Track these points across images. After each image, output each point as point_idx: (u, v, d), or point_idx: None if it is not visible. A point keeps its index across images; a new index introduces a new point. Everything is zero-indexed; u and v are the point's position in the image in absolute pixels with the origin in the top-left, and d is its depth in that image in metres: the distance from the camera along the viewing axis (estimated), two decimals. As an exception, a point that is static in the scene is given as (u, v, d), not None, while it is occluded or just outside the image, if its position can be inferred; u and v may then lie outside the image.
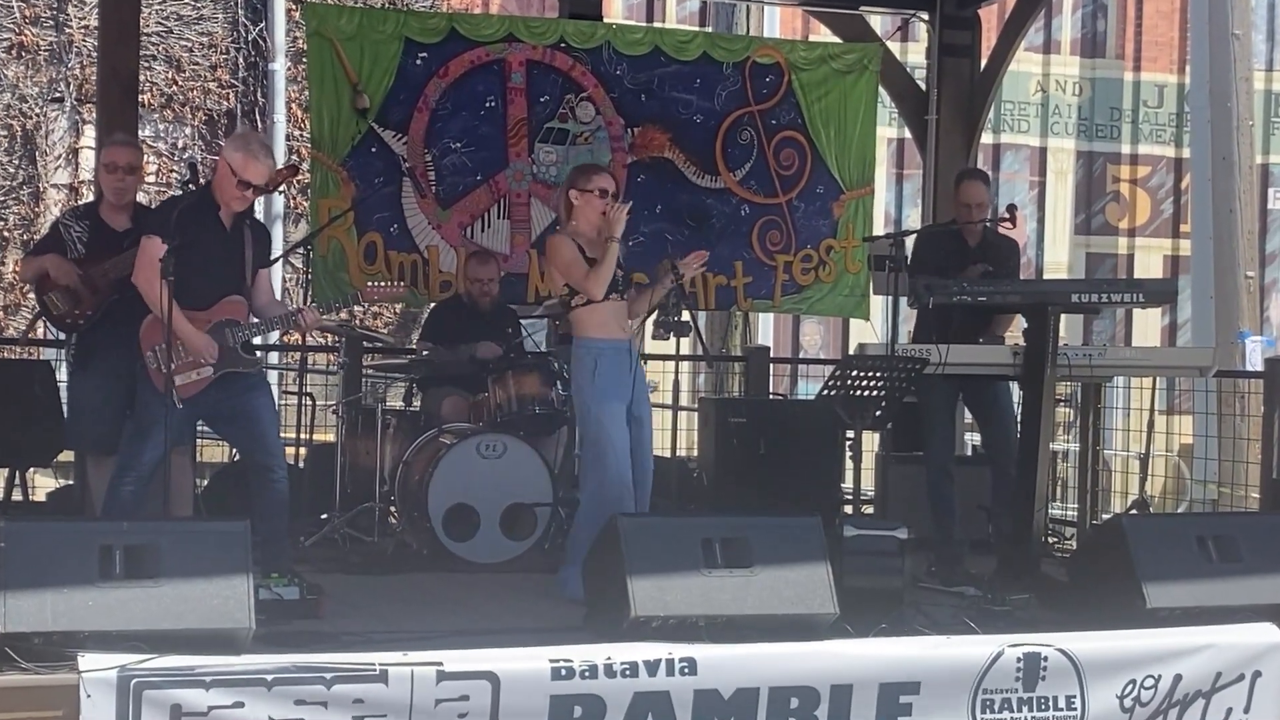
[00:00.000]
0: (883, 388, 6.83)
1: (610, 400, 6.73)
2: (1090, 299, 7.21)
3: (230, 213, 6.43)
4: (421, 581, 7.26)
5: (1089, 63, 17.41)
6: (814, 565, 5.63)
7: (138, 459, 6.35)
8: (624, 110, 9.60)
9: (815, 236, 10.00)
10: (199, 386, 6.37)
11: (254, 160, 6.37)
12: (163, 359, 6.26)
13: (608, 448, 6.70)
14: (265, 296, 6.67)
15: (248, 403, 6.46)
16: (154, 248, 6.29)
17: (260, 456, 6.49)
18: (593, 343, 6.80)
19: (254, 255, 6.51)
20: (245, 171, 6.34)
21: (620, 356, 6.79)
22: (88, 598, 4.90)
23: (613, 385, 6.75)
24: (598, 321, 6.79)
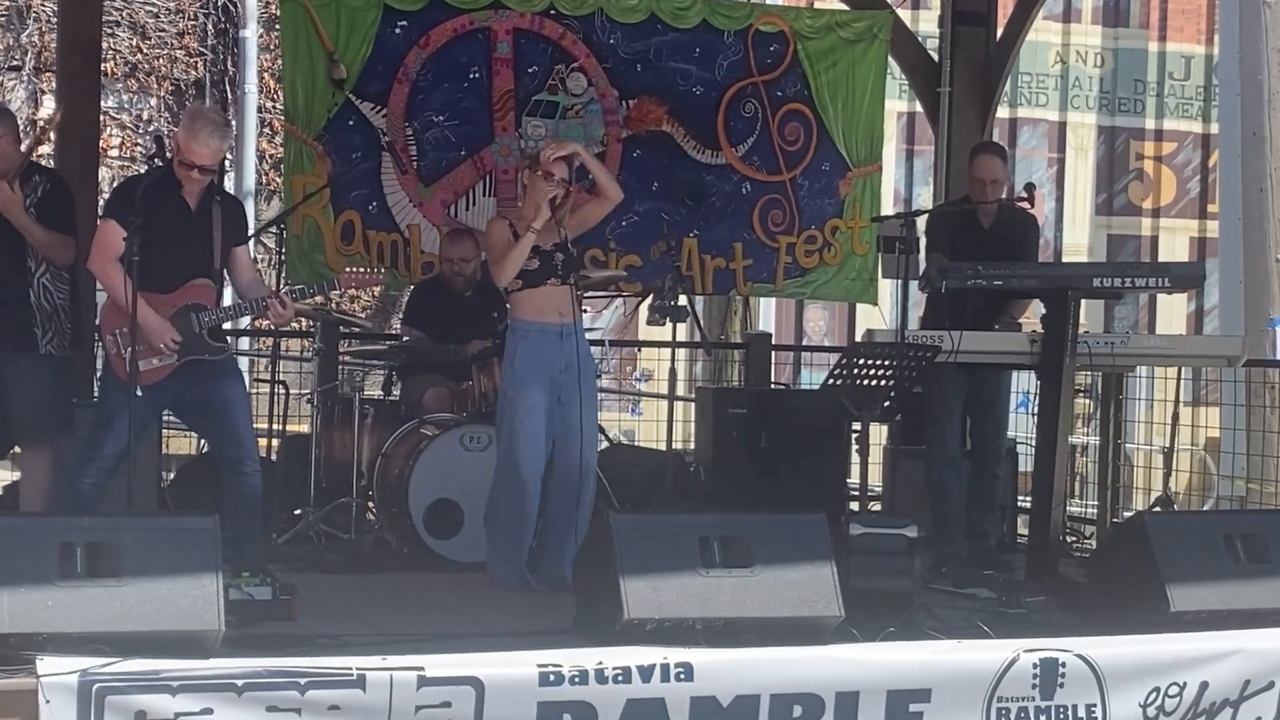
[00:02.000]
0: (891, 377, 6.83)
1: (527, 386, 6.92)
2: (1112, 283, 7.22)
3: (195, 190, 6.41)
4: (401, 581, 7.27)
5: (1111, 32, 17.41)
6: (818, 565, 5.63)
7: (99, 450, 6.36)
8: (618, 81, 9.59)
9: (820, 216, 10.00)
10: (161, 374, 6.36)
11: (194, 142, 6.33)
12: (124, 343, 6.28)
13: (520, 435, 6.92)
14: (247, 275, 6.66)
15: (216, 392, 6.46)
16: (111, 232, 6.30)
17: (231, 450, 6.49)
18: (519, 324, 7.01)
19: (226, 233, 6.49)
20: (188, 153, 6.33)
21: (547, 341, 6.94)
22: (46, 598, 4.89)
23: (532, 371, 6.92)
24: (531, 304, 6.97)
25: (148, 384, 6.31)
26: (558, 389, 6.98)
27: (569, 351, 6.99)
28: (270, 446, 8.59)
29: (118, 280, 6.31)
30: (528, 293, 6.98)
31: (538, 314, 6.97)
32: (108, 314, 6.42)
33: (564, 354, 6.97)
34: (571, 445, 7.02)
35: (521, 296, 7.01)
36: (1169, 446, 10.20)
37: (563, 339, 6.98)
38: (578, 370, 7.01)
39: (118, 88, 13.73)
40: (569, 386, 6.99)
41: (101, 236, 6.39)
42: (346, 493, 8.08)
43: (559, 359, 6.97)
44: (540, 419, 6.95)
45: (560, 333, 6.98)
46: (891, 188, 15.53)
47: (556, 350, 6.96)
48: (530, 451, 6.94)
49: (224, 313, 6.52)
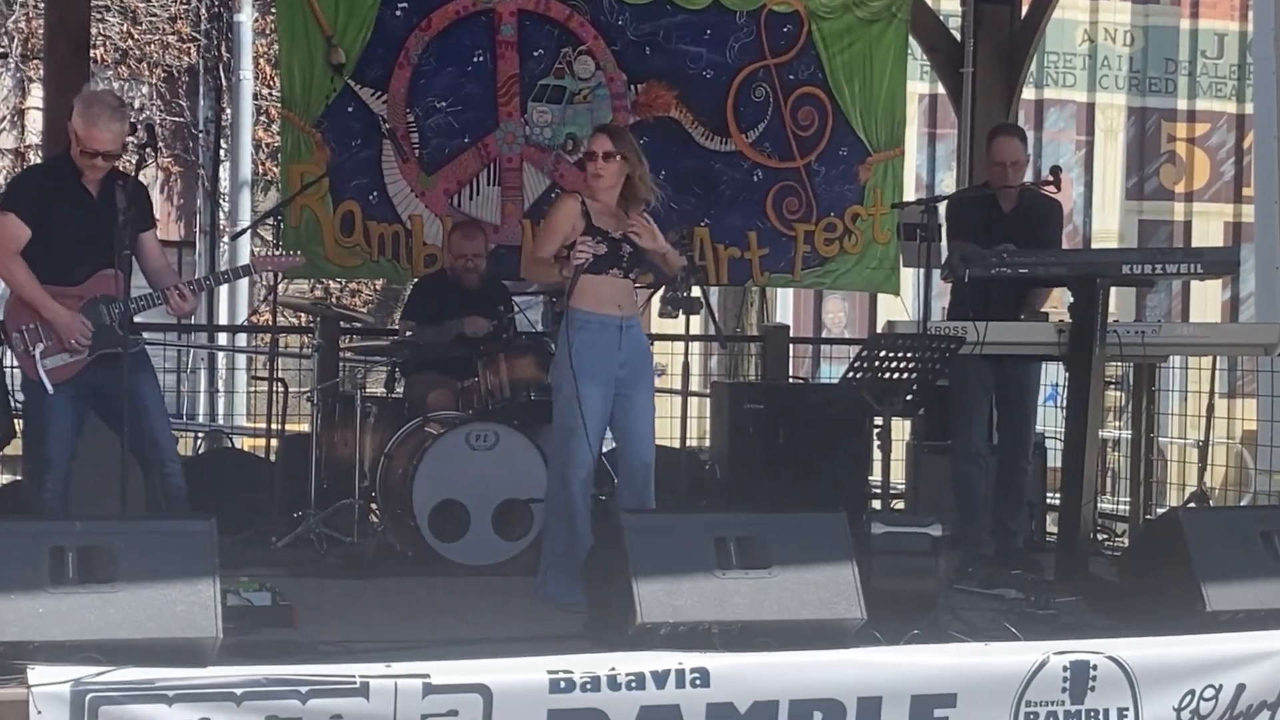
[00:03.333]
0: (914, 370, 6.83)
1: (585, 380, 6.68)
2: (1143, 270, 7.22)
3: (96, 176, 6.39)
4: (406, 586, 7.28)
5: (1141, 9, 17.37)
6: (838, 566, 5.64)
7: (45, 459, 6.37)
8: (626, 65, 9.59)
9: (839, 203, 9.99)
10: (74, 369, 6.37)
11: (94, 128, 6.32)
12: (30, 340, 6.31)
13: (574, 433, 6.70)
14: (155, 262, 6.62)
15: (131, 388, 6.35)
16: (10, 225, 6.33)
17: (148, 450, 6.43)
18: (577, 314, 6.76)
19: (128, 220, 6.40)
20: (89, 140, 6.32)
21: (606, 334, 6.76)
22: (37, 605, 4.90)
23: (591, 364, 6.71)
24: (590, 293, 6.74)
25: (61, 380, 6.32)
26: (617, 385, 6.80)
27: (628, 346, 6.82)
28: (269, 446, 8.60)
29: (21, 275, 6.32)
30: (588, 280, 6.70)
31: (596, 304, 6.74)
32: (11, 311, 6.42)
33: (624, 348, 6.80)
34: (636, 444, 6.86)
35: (580, 284, 6.72)
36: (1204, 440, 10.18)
37: (622, 332, 6.81)
38: (637, 366, 6.87)
39: (108, 75, 13.75)
40: (629, 383, 6.82)
41: (1, 231, 6.36)
42: (348, 494, 8.09)
43: (618, 353, 6.79)
44: (601, 417, 6.76)
45: (620, 325, 6.80)
46: (913, 173, 15.50)
47: (616, 344, 6.78)
48: (584, 453, 6.72)
49: (134, 303, 6.45)
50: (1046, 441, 9.07)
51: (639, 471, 6.87)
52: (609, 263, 6.77)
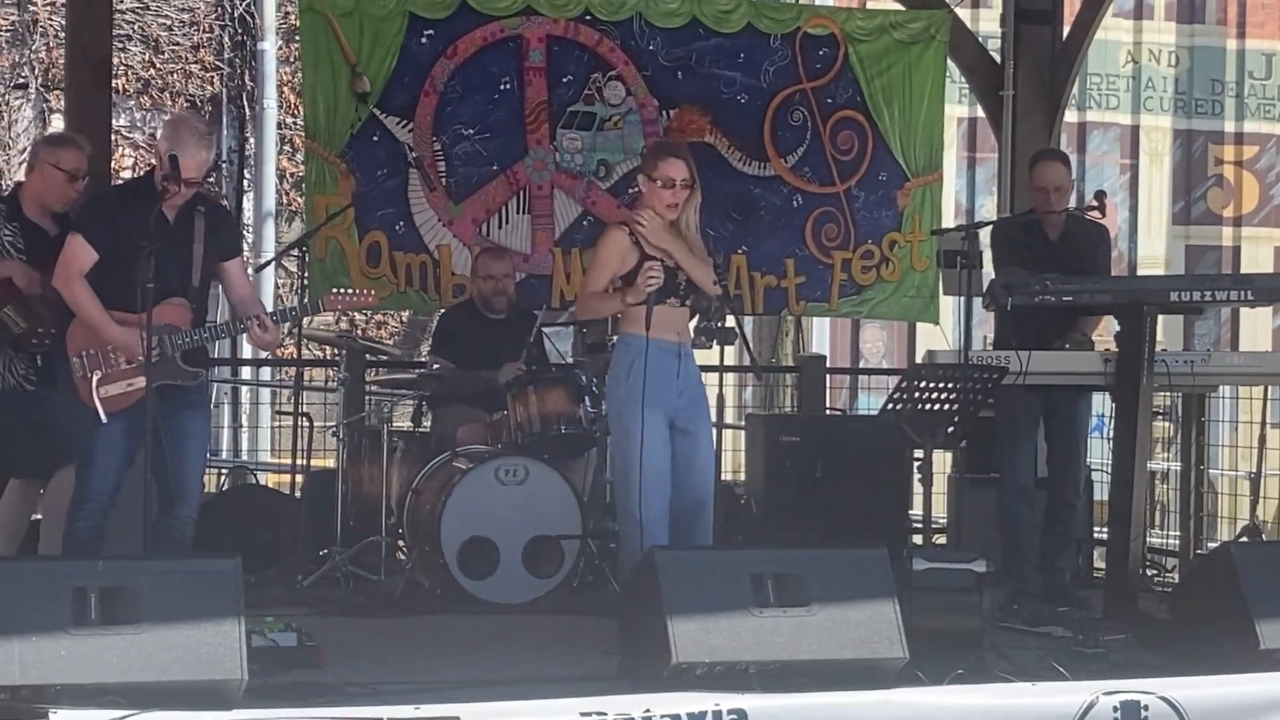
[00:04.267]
0: (956, 401, 6.80)
1: (646, 406, 6.58)
2: (1191, 297, 7.18)
3: (175, 201, 6.41)
4: (434, 625, 7.27)
5: (1186, 29, 17.34)
6: (879, 603, 5.61)
7: (89, 489, 6.37)
8: (658, 90, 9.61)
9: (877, 230, 9.99)
10: (129, 399, 6.35)
11: (180, 154, 6.34)
12: (90, 366, 6.32)
13: (635, 462, 6.60)
14: (240, 291, 6.62)
15: (179, 424, 6.39)
16: (77, 248, 6.36)
17: (173, 486, 6.38)
18: (635, 339, 6.67)
19: (209, 248, 6.46)
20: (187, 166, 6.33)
21: (666, 359, 6.68)
22: (59, 647, 4.92)
23: (651, 390, 6.59)
24: (641, 318, 6.64)
25: (116, 410, 6.32)
26: (675, 415, 6.71)
27: (686, 375, 6.74)
28: (295, 482, 8.61)
29: (84, 297, 6.33)
30: (642, 309, 6.63)
31: (655, 330, 6.63)
32: (73, 334, 6.43)
33: (682, 376, 6.72)
34: (695, 479, 6.74)
35: (636, 311, 6.65)
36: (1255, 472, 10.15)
37: (681, 360, 6.73)
38: (696, 394, 6.79)
39: (130, 105, 13.83)
40: (688, 414, 6.74)
41: (67, 252, 6.41)
42: (375, 531, 8.09)
43: (676, 382, 6.70)
44: (662, 443, 6.64)
45: (679, 353, 6.73)
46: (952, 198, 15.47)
47: (674, 372, 6.69)
48: (654, 483, 6.59)
49: (199, 335, 6.47)
50: (1094, 474, 9.03)
51: (698, 509, 6.74)
52: (667, 291, 6.69)
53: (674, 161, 6.76)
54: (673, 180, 6.70)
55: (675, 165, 6.73)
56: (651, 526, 6.54)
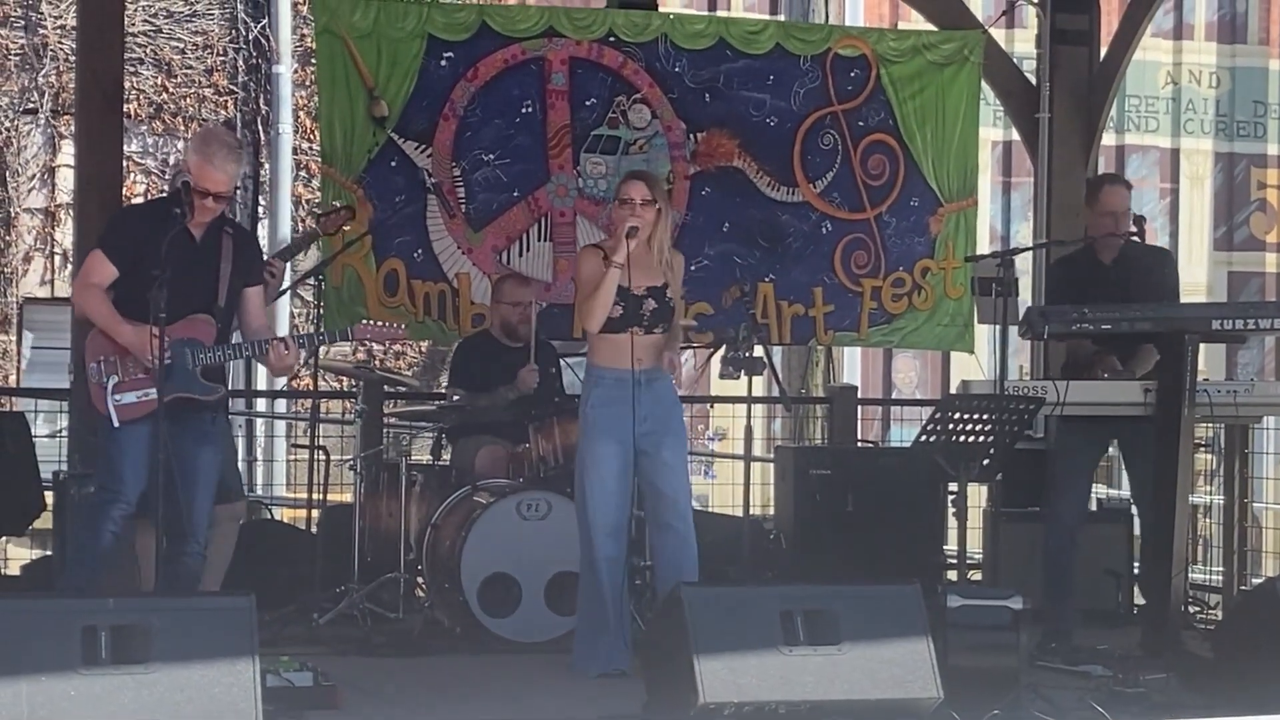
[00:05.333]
0: (991, 432, 6.80)
1: (601, 436, 6.89)
2: (1234, 325, 7.17)
3: (201, 221, 6.46)
4: (454, 664, 7.27)
5: (1228, 49, 17.34)
6: (913, 641, 5.60)
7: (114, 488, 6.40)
8: (685, 113, 9.62)
9: (909, 257, 9.97)
10: (143, 409, 6.38)
11: (209, 166, 6.39)
12: (106, 372, 6.38)
13: (590, 489, 6.91)
14: (255, 320, 6.66)
15: (193, 457, 6.42)
16: (97, 262, 6.45)
17: (181, 522, 6.40)
18: (594, 370, 7.02)
19: (235, 269, 6.51)
20: (201, 179, 6.39)
21: (623, 389, 6.89)
22: (69, 687, 4.92)
23: (606, 420, 6.89)
24: (607, 349, 6.95)
25: (129, 419, 6.37)
26: (639, 443, 6.92)
27: (649, 401, 6.93)
28: (310, 518, 8.62)
29: (93, 301, 6.42)
30: (606, 338, 6.95)
31: (614, 359, 6.92)
32: (92, 341, 6.50)
33: (645, 403, 6.91)
34: (664, 510, 6.96)
35: (598, 341, 6.98)
36: (1301, 505, 10.10)
37: (643, 386, 6.92)
38: (662, 420, 6.98)
39: (142, 130, 13.89)
40: (653, 440, 6.94)
41: (86, 265, 6.53)
42: (393, 568, 8.09)
43: (639, 408, 6.90)
44: (614, 474, 6.89)
45: (640, 379, 6.91)
46: (987, 224, 15.49)
47: (635, 400, 6.89)
48: (606, 507, 6.88)
49: (223, 351, 6.52)
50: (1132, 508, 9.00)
51: (672, 543, 6.92)
52: (629, 321, 6.92)
53: (632, 183, 7.05)
54: (630, 198, 6.93)
55: (633, 186, 7.01)
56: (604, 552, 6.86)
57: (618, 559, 6.90)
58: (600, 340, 6.96)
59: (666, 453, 6.97)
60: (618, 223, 6.99)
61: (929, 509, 8.90)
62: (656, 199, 7.00)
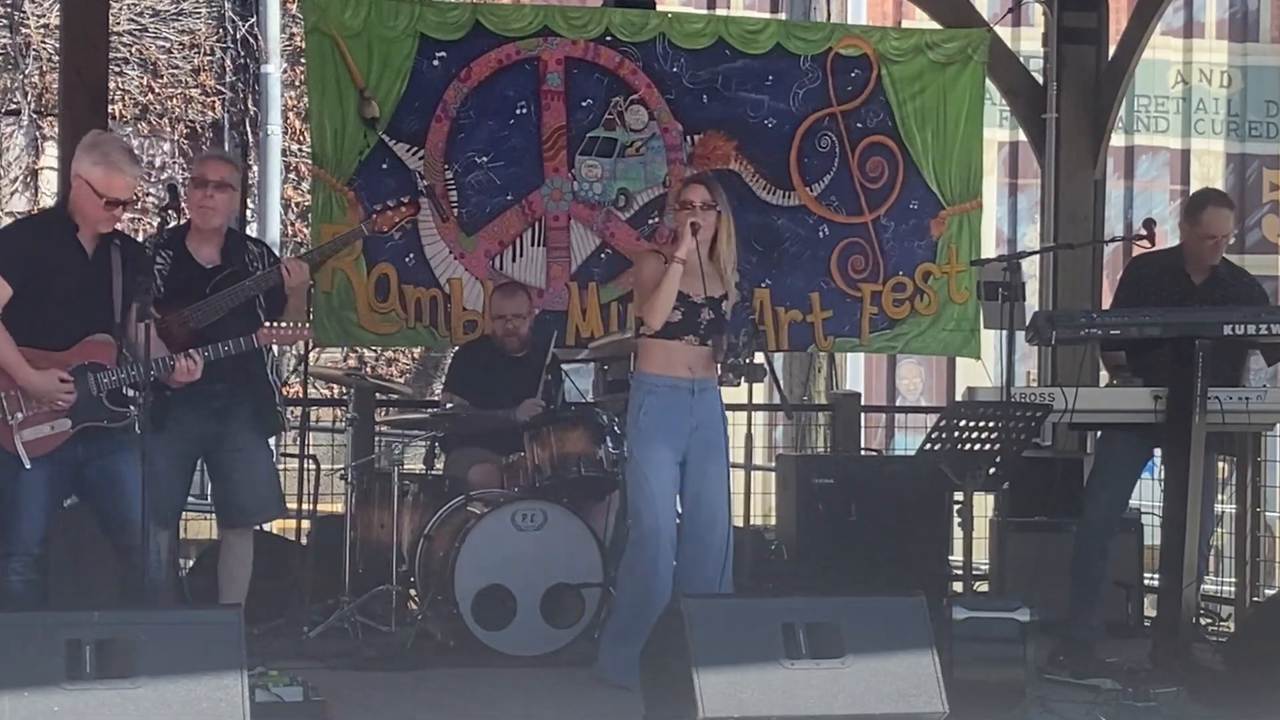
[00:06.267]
0: (997, 440, 6.80)
1: (654, 443, 6.93)
2: (1246, 330, 7.17)
3: (93, 235, 6.35)
4: (448, 678, 7.27)
5: (1239, 48, 17.36)
6: (917, 654, 5.61)
7: (17, 541, 6.24)
8: (682, 114, 9.62)
9: (909, 261, 9.96)
10: (54, 442, 6.25)
11: (118, 172, 6.27)
12: (9, 407, 6.19)
13: (645, 495, 6.92)
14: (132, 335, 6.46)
15: (112, 468, 6.31)
16: None
17: (123, 536, 6.29)
18: (646, 378, 7.02)
19: (126, 284, 6.37)
20: (110, 189, 6.24)
21: (677, 397, 6.93)
22: (53, 702, 4.92)
23: (660, 428, 6.92)
24: (659, 356, 6.97)
25: (39, 454, 6.21)
26: (688, 451, 7.00)
27: (701, 410, 7.01)
28: (300, 529, 8.62)
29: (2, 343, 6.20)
30: (659, 344, 6.99)
31: (665, 367, 6.98)
32: None
33: (696, 413, 7.00)
34: (705, 519, 7.02)
35: (650, 346, 7.02)
36: (1316, 514, 10.11)
37: (694, 396, 7.00)
38: (710, 431, 7.04)
39: (127, 131, 13.89)
40: (700, 451, 7.01)
41: None
42: (385, 580, 8.09)
43: (690, 417, 6.98)
44: (670, 477, 6.96)
45: (692, 389, 7.00)
46: (993, 227, 15.51)
47: (687, 408, 6.98)
48: (660, 513, 6.92)
49: (127, 373, 6.32)
50: (1143, 518, 9.01)
51: (709, 553, 6.94)
52: (685, 328, 6.97)
53: (693, 186, 7.15)
54: (690, 201, 6.99)
55: (693, 190, 7.10)
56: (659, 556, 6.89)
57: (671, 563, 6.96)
58: (654, 346, 7.00)
59: (711, 465, 7.03)
60: (680, 224, 7.05)
61: (934, 519, 8.90)
62: (718, 204, 7.07)
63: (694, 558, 6.99)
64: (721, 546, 6.97)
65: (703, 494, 7.01)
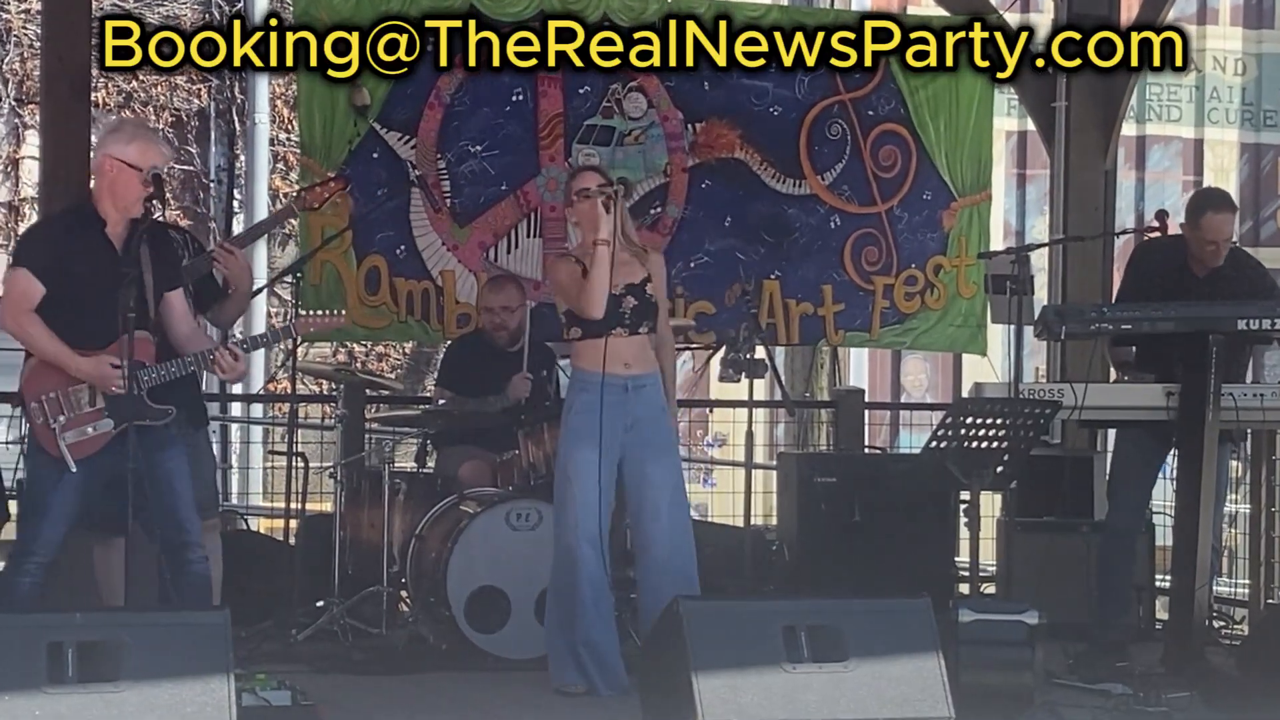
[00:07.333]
0: (1005, 438, 6.81)
1: (581, 444, 6.91)
2: (1261, 325, 7.17)
3: (119, 229, 6.37)
4: (440, 682, 7.28)
5: (1254, 35, 17.35)
6: (923, 658, 5.61)
7: (36, 542, 6.31)
8: (683, 102, 9.63)
9: (921, 253, 9.98)
10: (96, 444, 6.30)
11: (150, 144, 6.35)
12: (51, 412, 6.25)
13: (569, 499, 6.94)
14: (184, 326, 6.52)
15: (158, 465, 6.36)
16: (23, 281, 6.29)
17: (171, 533, 6.39)
18: (578, 374, 7.04)
19: (157, 276, 6.42)
20: (145, 160, 6.30)
21: (611, 396, 6.90)
22: (34, 706, 4.92)
23: (589, 428, 6.89)
24: (591, 353, 6.94)
25: (81, 457, 6.26)
26: (623, 450, 6.97)
27: (635, 407, 6.96)
28: (288, 528, 8.62)
29: (36, 332, 6.25)
30: (588, 343, 6.98)
31: (595, 363, 6.92)
32: (32, 377, 6.35)
33: (630, 410, 6.95)
34: (649, 527, 6.99)
35: (582, 346, 7.01)
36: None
37: (629, 392, 6.96)
38: (648, 429, 7.00)
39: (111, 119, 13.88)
40: (638, 449, 6.98)
41: (14, 288, 6.34)
42: (376, 581, 8.10)
43: (623, 415, 6.94)
44: (594, 482, 6.90)
45: (626, 385, 6.96)
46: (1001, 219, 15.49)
47: (620, 405, 6.93)
48: (585, 518, 6.89)
49: (166, 370, 6.39)
50: (1154, 518, 9.02)
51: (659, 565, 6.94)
52: (609, 323, 6.92)
53: (584, 174, 7.15)
54: (587, 188, 6.96)
55: (587, 175, 7.10)
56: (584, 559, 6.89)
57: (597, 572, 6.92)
58: (585, 345, 6.98)
59: (652, 465, 7.01)
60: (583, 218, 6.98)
61: (940, 519, 8.91)
62: (611, 182, 7.04)
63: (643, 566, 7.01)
64: (671, 564, 6.93)
65: (644, 495, 6.99)
